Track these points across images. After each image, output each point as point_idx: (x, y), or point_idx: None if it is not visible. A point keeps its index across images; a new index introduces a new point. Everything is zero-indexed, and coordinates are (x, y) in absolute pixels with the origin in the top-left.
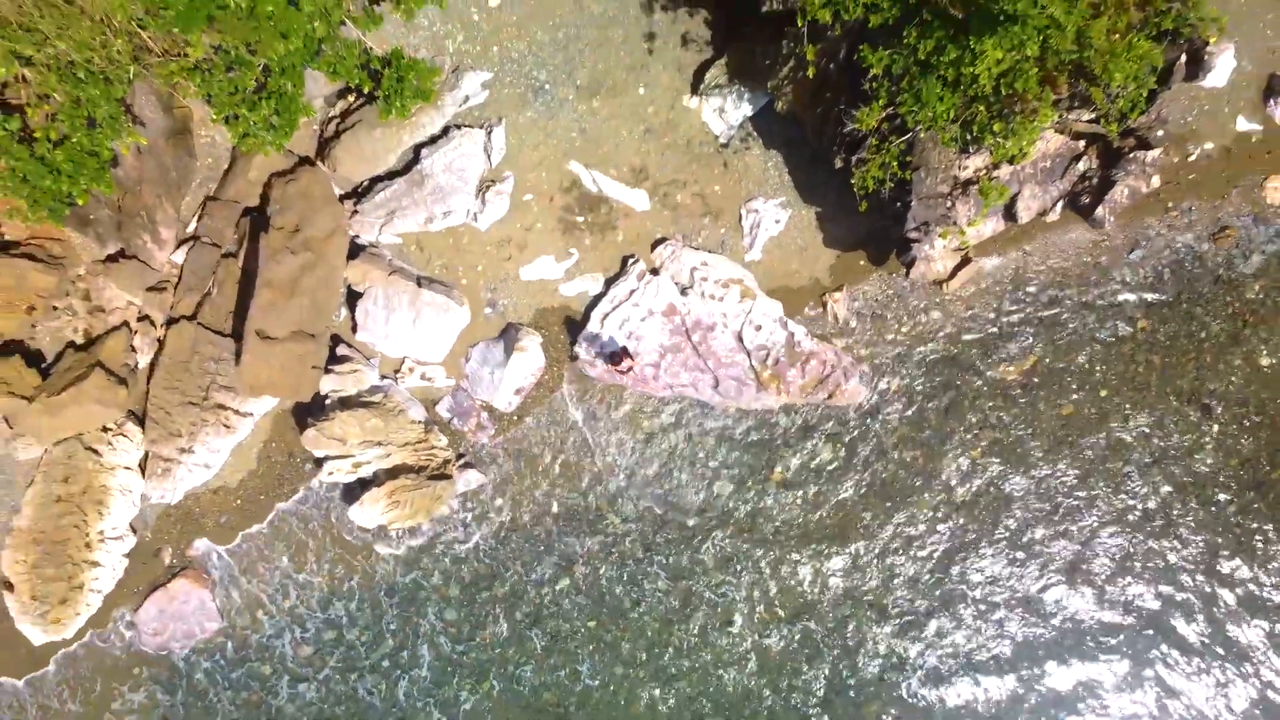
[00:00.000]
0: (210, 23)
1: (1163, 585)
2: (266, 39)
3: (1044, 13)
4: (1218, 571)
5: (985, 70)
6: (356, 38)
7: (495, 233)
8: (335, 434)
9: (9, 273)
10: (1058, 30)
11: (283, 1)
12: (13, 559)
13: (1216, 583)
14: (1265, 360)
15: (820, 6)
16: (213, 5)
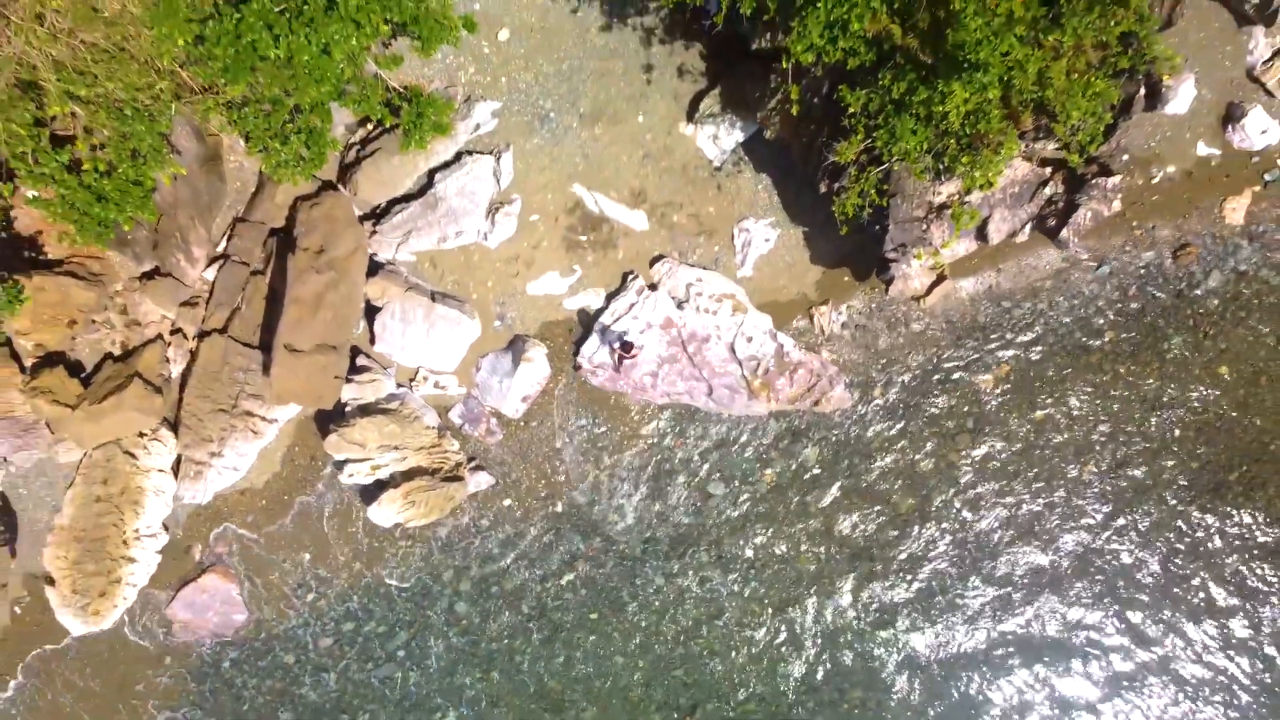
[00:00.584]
0: (252, 72)
1: (1122, 583)
2: (302, 85)
3: (1007, 58)
4: (1173, 572)
5: (954, 109)
6: (378, 74)
7: (504, 251)
8: (355, 439)
9: (54, 289)
10: (1020, 71)
11: (317, 51)
12: (54, 555)
13: (1172, 583)
14: (1223, 369)
15: (803, 50)
16: (255, 57)
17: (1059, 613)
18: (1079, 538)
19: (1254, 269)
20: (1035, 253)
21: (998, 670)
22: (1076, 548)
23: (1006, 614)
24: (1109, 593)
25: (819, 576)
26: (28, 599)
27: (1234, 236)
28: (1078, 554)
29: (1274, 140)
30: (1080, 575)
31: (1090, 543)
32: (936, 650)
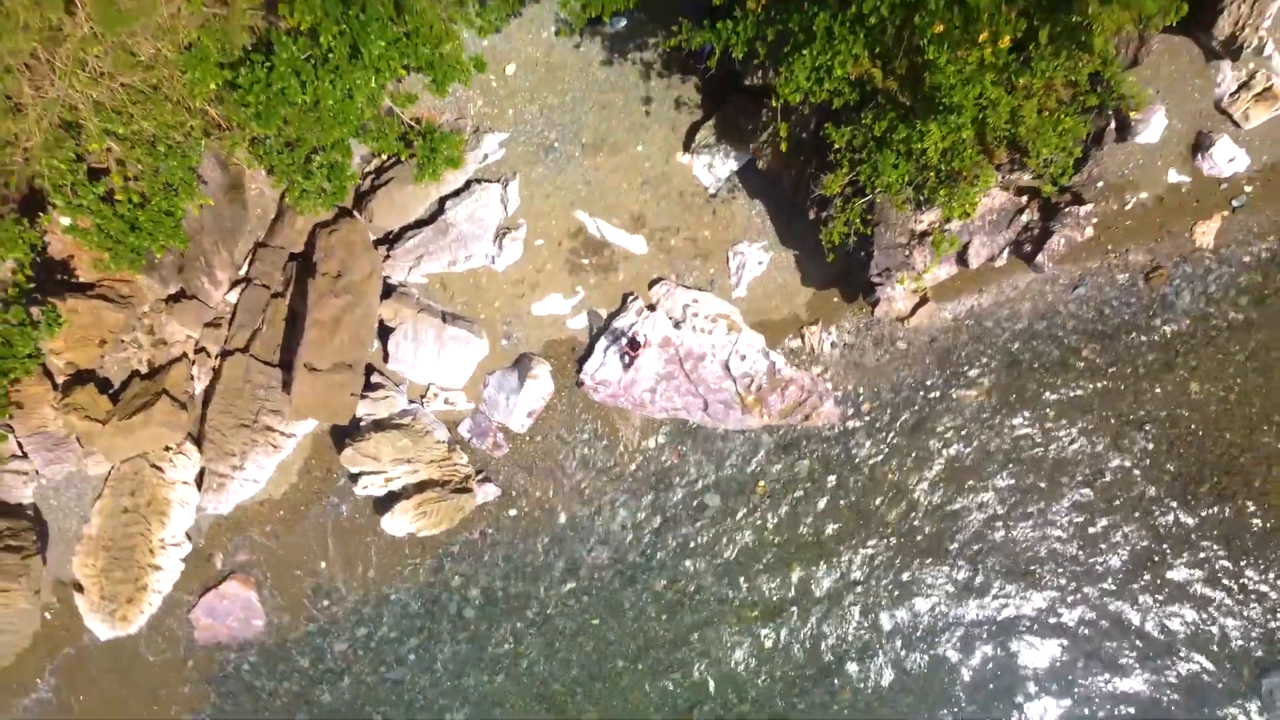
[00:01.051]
0: (280, 116)
1: (1098, 590)
2: (327, 127)
3: (980, 99)
4: (1148, 581)
5: (931, 146)
6: (394, 111)
7: (510, 273)
8: (369, 452)
9: (86, 311)
10: (994, 110)
11: (341, 95)
12: (83, 563)
13: (1147, 592)
14: (1194, 386)
15: (791, 92)
16: (284, 102)
17: (1038, 621)
18: (1057, 548)
19: (1223, 290)
20: (1014, 276)
21: (978, 671)
22: (1055, 558)
23: (986, 619)
24: (1085, 600)
25: (809, 583)
26: (57, 605)
27: (1204, 259)
28: (1056, 564)
29: (1241, 168)
30: (1057, 583)
31: (1068, 552)
32: (920, 652)
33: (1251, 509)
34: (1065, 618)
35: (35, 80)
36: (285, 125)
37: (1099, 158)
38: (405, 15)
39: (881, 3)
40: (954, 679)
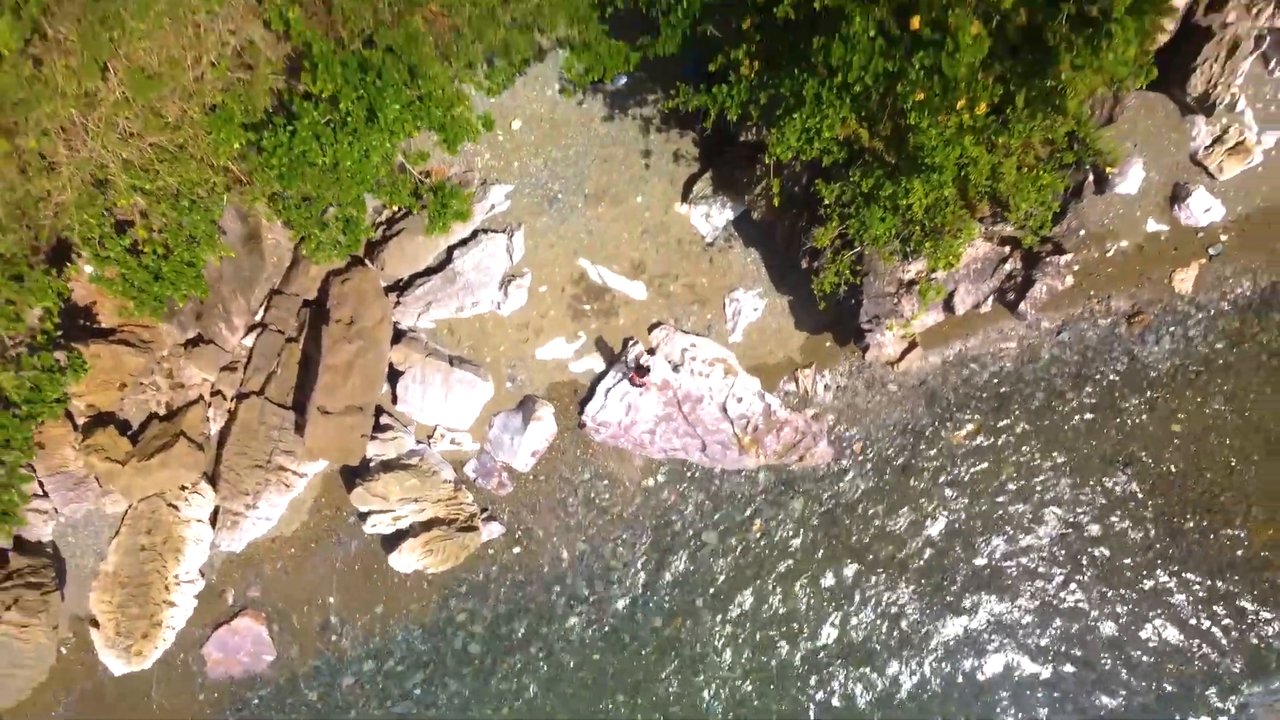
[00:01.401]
0: (301, 176)
1: (1084, 626)
2: (345, 186)
3: (961, 159)
4: (1136, 614)
5: (916, 201)
6: (406, 168)
7: (515, 319)
8: (378, 492)
9: (108, 356)
10: (975, 167)
11: (358, 156)
12: (99, 599)
13: (1134, 624)
14: (1175, 426)
15: (782, 151)
16: (306, 165)
17: (1021, 656)
18: (1040, 585)
19: (1201, 334)
20: (999, 321)
21: (963, 707)
22: (1037, 595)
23: (973, 656)
24: (1068, 636)
25: (804, 618)
26: (73, 640)
27: (1183, 305)
28: (1038, 600)
29: (1217, 217)
30: (1040, 619)
31: (1051, 591)
32: (909, 686)
33: (1229, 543)
34: (1051, 644)
35: (69, 141)
36: (305, 184)
37: (1078, 209)
38: (418, 80)
39: (865, 72)
40: (935, 698)
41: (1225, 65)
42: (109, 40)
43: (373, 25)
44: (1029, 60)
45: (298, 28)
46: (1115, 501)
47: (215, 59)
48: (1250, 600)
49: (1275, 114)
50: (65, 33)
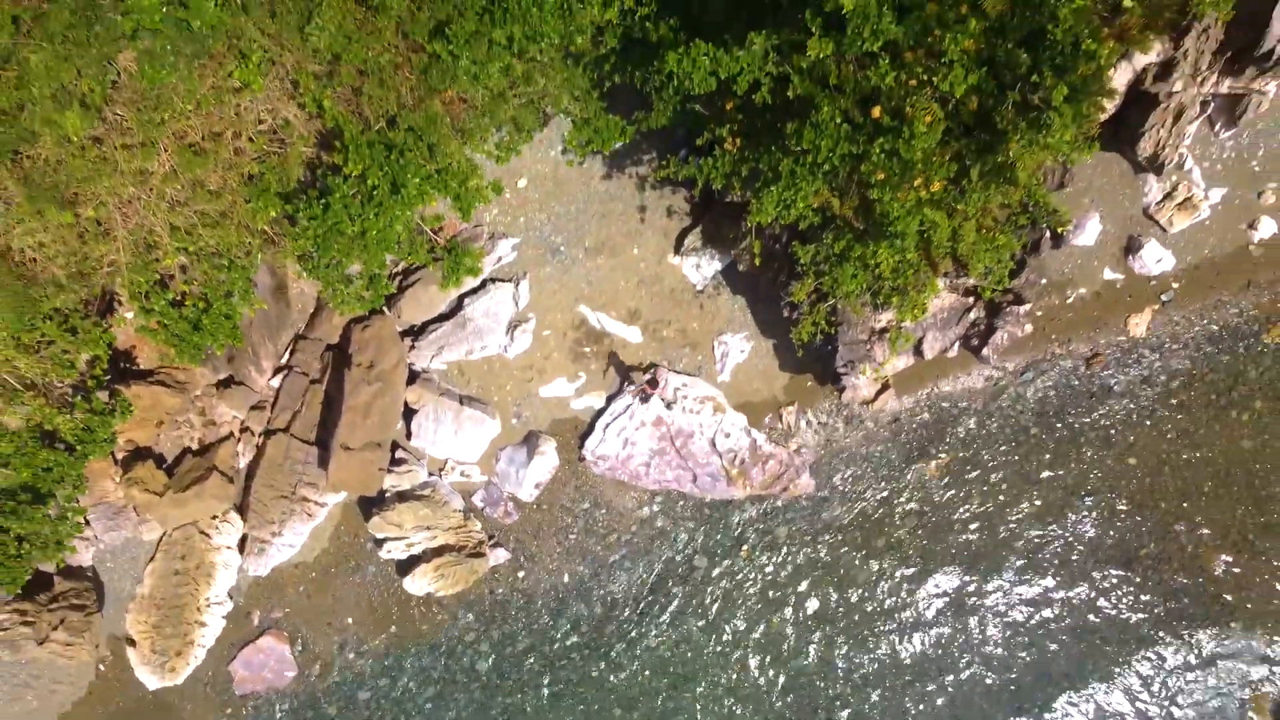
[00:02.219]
0: (333, 244)
1: (1046, 647)
2: (371, 251)
3: (923, 225)
4: (1094, 640)
5: (884, 262)
6: (423, 230)
7: (520, 361)
8: (394, 520)
9: (147, 396)
10: (936, 231)
11: (384, 225)
12: (135, 620)
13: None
14: (1132, 460)
15: (762, 216)
16: (337, 234)
17: (987, 670)
18: (1006, 610)
19: (1154, 374)
20: (966, 364)
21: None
22: (1004, 619)
23: (948, 669)
24: (1034, 655)
25: (788, 639)
26: (110, 658)
27: (1137, 347)
28: (1005, 624)
29: (1168, 267)
30: (1006, 641)
31: (1016, 617)
32: (882, 691)
33: (1181, 570)
34: (1017, 665)
35: (123, 210)
36: (336, 251)
37: (1037, 262)
38: (437, 156)
39: (833, 154)
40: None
41: (1172, 129)
42: (160, 122)
43: (395, 108)
44: (982, 139)
45: (331, 112)
46: (1076, 530)
47: (253, 135)
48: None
49: (1221, 172)
50: (123, 115)
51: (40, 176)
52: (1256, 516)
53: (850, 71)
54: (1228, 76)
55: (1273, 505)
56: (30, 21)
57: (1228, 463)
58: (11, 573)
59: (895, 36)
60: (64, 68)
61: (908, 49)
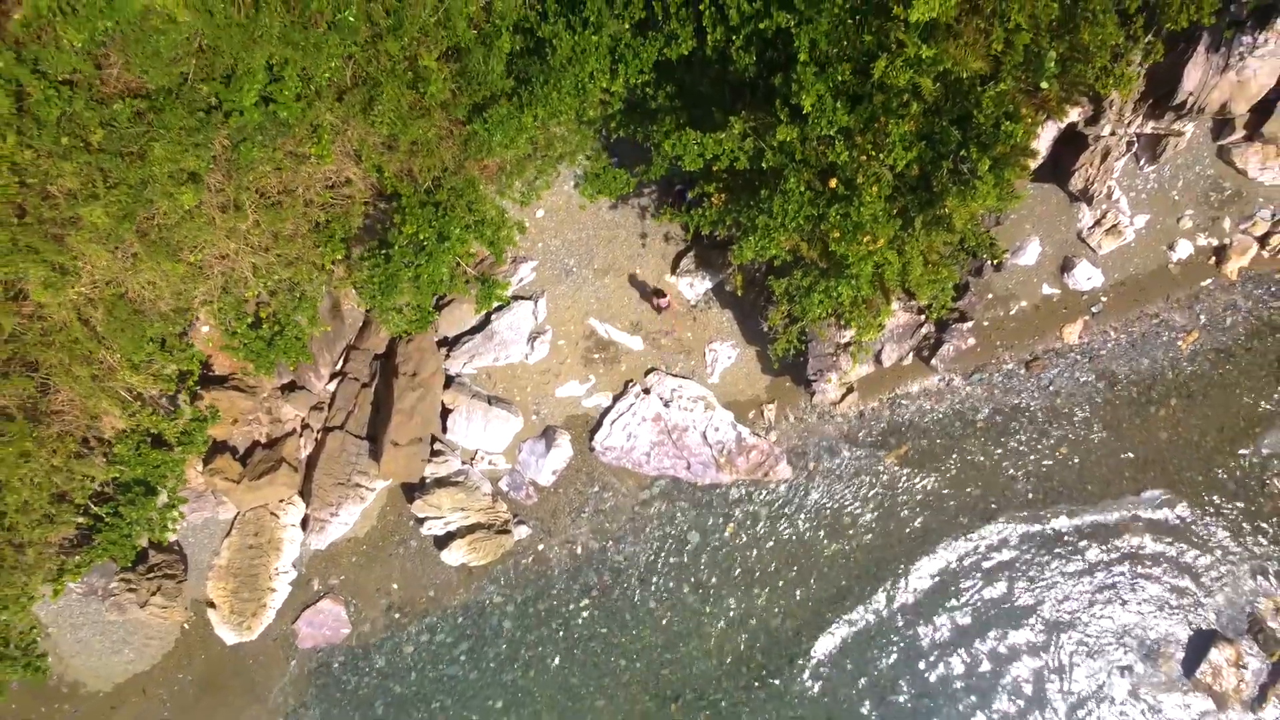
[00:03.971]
0: (393, 288)
1: (989, 606)
2: (423, 291)
3: (876, 265)
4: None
5: (844, 294)
6: (461, 266)
7: (539, 366)
8: (433, 502)
9: (224, 399)
10: (889, 267)
11: (434, 269)
12: (216, 586)
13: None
14: (1063, 450)
15: (742, 257)
16: (396, 279)
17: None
18: (953, 566)
19: (1085, 375)
20: (920, 370)
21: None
22: (959, 577)
23: (913, 631)
24: (998, 619)
25: (768, 602)
26: (193, 618)
27: (1071, 352)
28: (959, 582)
29: (1098, 283)
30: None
31: (968, 571)
32: (854, 650)
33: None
34: (970, 622)
35: (218, 255)
36: (396, 293)
37: (980, 285)
38: (473, 210)
39: (798, 215)
40: (871, 673)
41: (1100, 167)
42: (248, 186)
43: (440, 172)
44: (923, 196)
45: (389, 179)
46: (1013, 508)
47: (320, 191)
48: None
49: (1145, 201)
50: (220, 183)
51: (156, 235)
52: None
53: (812, 148)
54: (1150, 119)
55: (1183, 486)
56: (152, 115)
57: (1146, 451)
58: (122, 549)
59: (848, 124)
60: (179, 152)
61: (858, 133)
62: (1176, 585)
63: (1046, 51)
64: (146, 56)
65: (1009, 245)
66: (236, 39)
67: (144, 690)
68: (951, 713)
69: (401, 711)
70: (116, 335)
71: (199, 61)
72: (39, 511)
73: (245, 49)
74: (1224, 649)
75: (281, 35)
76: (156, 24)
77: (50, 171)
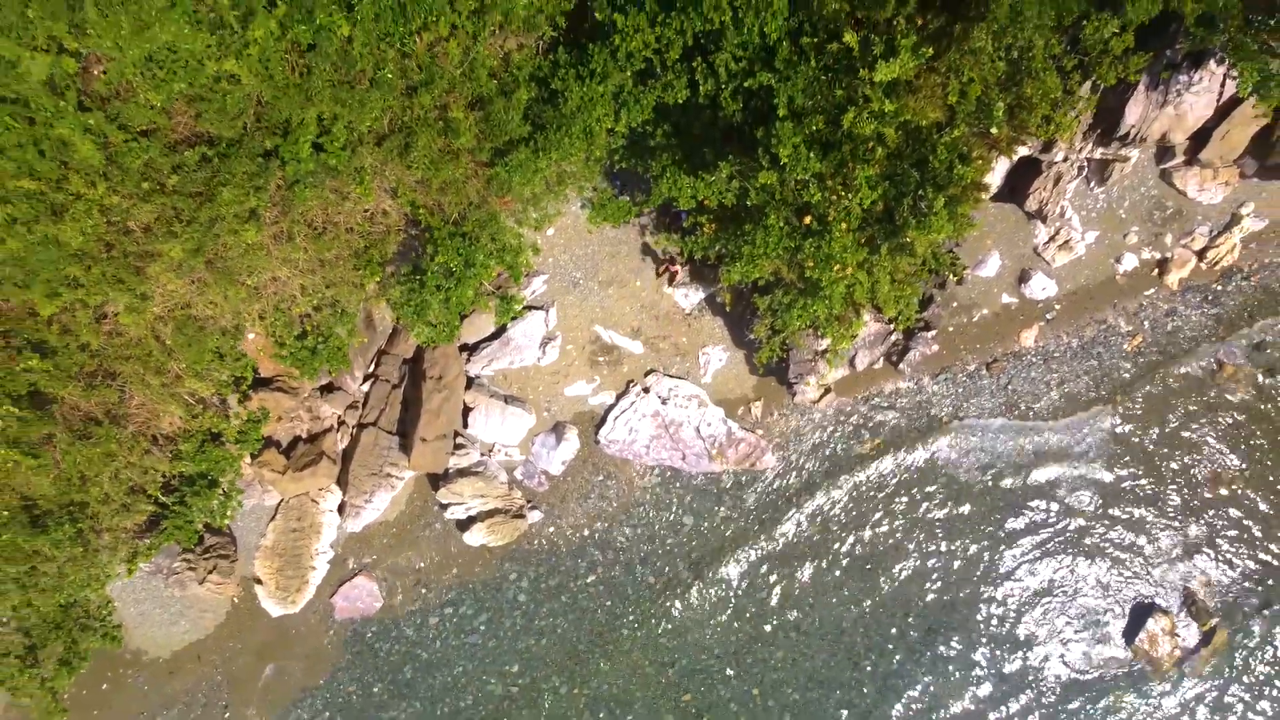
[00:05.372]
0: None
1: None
2: (452, 310)
3: (849, 284)
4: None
5: (820, 311)
6: (483, 284)
7: (550, 368)
8: (455, 490)
9: (270, 398)
10: (860, 287)
11: (462, 292)
12: (262, 564)
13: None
14: (1046, 440)
15: (729, 278)
16: (428, 302)
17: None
18: (911, 543)
19: (1040, 374)
20: (890, 373)
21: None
22: (899, 541)
23: (877, 608)
24: (942, 566)
25: (751, 575)
26: (241, 593)
27: (1027, 354)
28: (913, 552)
29: (1051, 293)
30: (923, 563)
31: (925, 544)
32: (806, 610)
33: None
34: (930, 594)
35: (272, 279)
36: (428, 314)
37: (944, 297)
38: (495, 238)
39: (777, 247)
40: (848, 638)
41: (1052, 190)
42: (298, 219)
43: (466, 207)
44: (888, 227)
45: (423, 215)
46: (976, 498)
47: (360, 220)
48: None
49: (1094, 219)
50: (274, 215)
51: (221, 264)
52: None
53: (790, 189)
54: (1099, 146)
55: (1120, 466)
56: (217, 160)
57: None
58: (186, 533)
59: (820, 169)
60: (243, 195)
61: (829, 176)
62: (1119, 559)
63: (995, 103)
64: (215, 112)
65: (972, 259)
66: (294, 98)
67: (199, 657)
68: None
69: (427, 674)
70: (184, 348)
71: (258, 113)
72: (117, 502)
73: (300, 106)
74: (1160, 619)
75: (332, 94)
76: (225, 85)
77: (132, 211)
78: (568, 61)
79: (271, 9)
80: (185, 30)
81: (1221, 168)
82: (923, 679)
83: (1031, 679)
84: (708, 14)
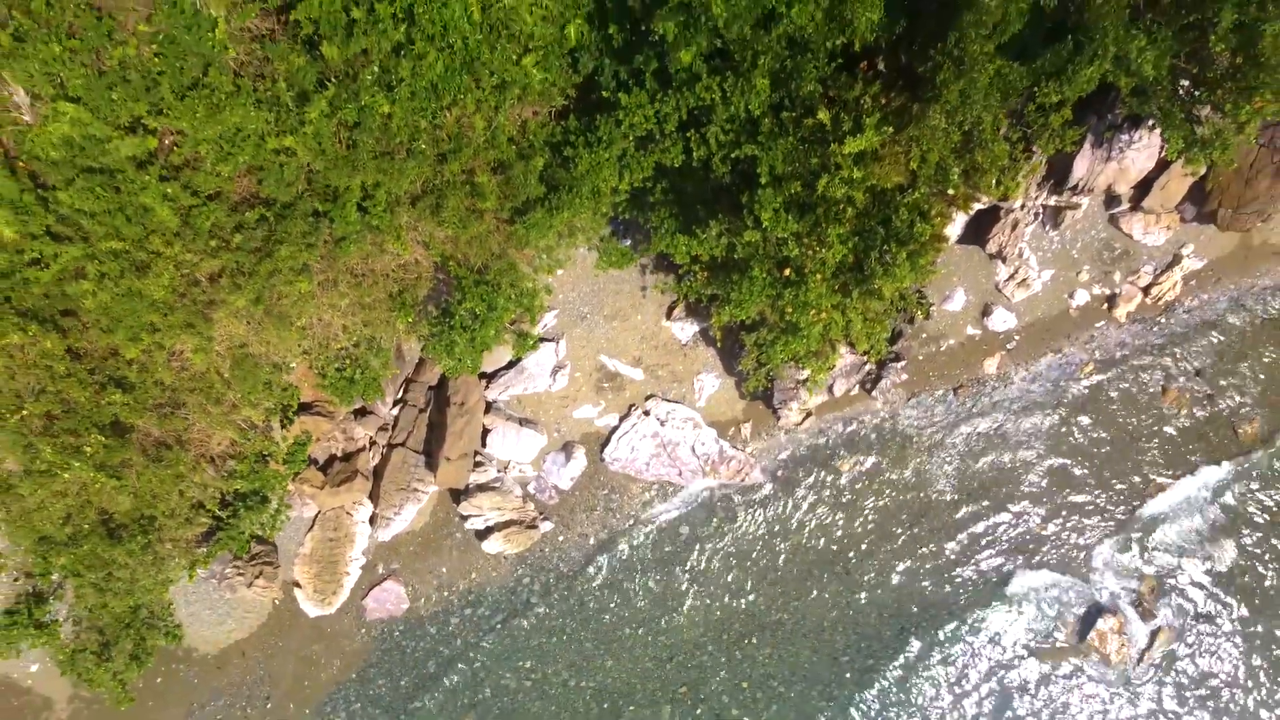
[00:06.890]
0: (453, 346)
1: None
2: (477, 349)
3: (824, 324)
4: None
5: (799, 348)
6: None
7: (560, 393)
8: (475, 503)
9: (309, 422)
10: (835, 326)
11: (485, 333)
12: (301, 570)
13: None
14: (1006, 458)
15: (719, 319)
16: (457, 345)
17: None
18: (889, 543)
19: (1003, 398)
20: (865, 398)
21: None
22: (897, 553)
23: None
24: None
25: (741, 578)
26: (282, 596)
27: (990, 380)
28: (875, 540)
29: (1011, 325)
30: (877, 540)
31: (909, 544)
32: (784, 591)
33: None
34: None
35: (318, 320)
36: (457, 352)
37: (913, 331)
38: (515, 285)
39: (760, 295)
40: (837, 614)
41: (1011, 234)
42: (344, 266)
43: (489, 258)
44: (858, 276)
45: (452, 265)
46: (942, 510)
47: (395, 268)
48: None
49: (1050, 258)
50: (321, 266)
51: (276, 310)
52: (1067, 492)
53: (772, 245)
54: (1052, 194)
55: (1073, 484)
56: (273, 220)
57: (1053, 457)
58: (238, 543)
59: (797, 229)
60: (297, 252)
61: (806, 234)
62: (1070, 560)
63: (951, 168)
64: (273, 180)
65: (940, 295)
66: (343, 169)
67: (243, 653)
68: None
69: (449, 669)
70: (240, 381)
71: (309, 179)
72: (182, 516)
73: (348, 175)
74: (1108, 619)
75: (375, 164)
76: (282, 158)
77: (201, 265)
78: (578, 129)
79: (322, 90)
80: (251, 113)
81: (1163, 213)
82: (894, 673)
83: (993, 668)
84: (700, 94)
